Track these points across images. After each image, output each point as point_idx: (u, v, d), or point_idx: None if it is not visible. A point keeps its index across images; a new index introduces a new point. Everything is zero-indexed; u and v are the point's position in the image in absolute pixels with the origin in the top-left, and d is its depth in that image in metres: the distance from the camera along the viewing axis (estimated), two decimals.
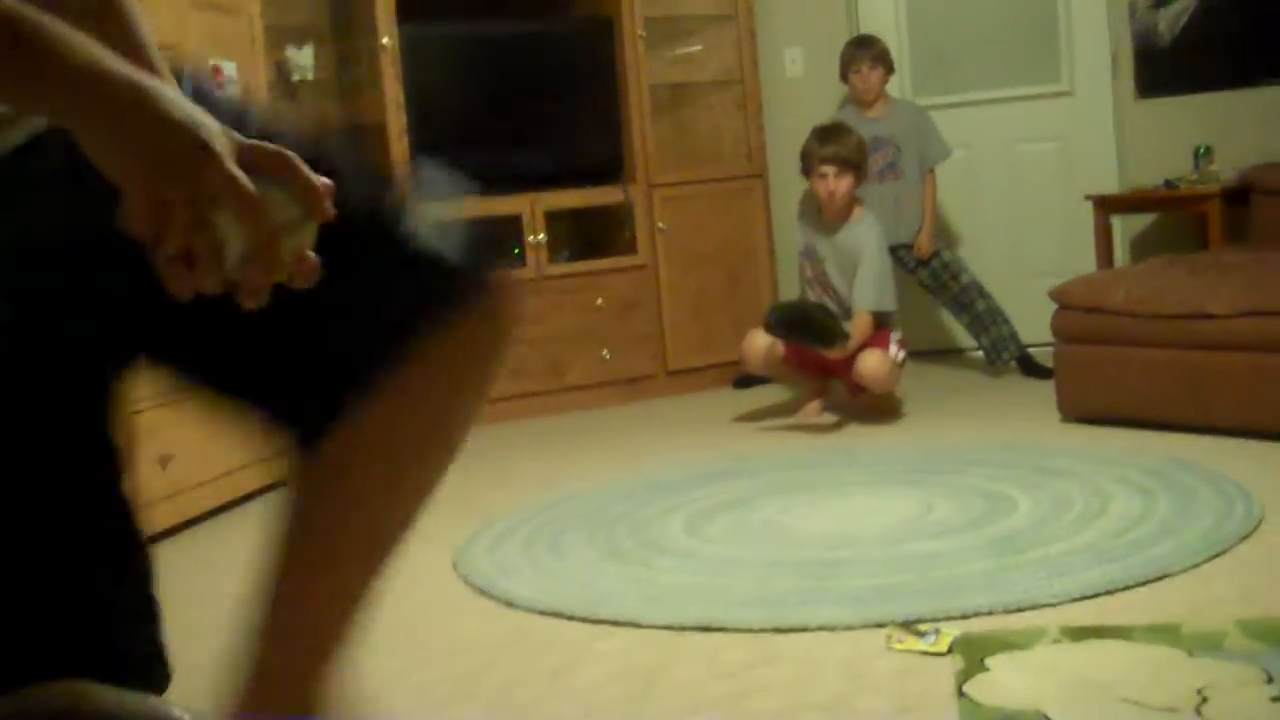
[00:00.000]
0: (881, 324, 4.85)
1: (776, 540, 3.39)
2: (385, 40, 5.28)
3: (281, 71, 5.38)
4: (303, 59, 5.45)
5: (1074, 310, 4.48)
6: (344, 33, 5.59)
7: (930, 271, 5.59)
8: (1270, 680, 2.19)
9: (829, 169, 4.85)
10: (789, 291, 5.93)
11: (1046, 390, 4.76)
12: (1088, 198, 5.74)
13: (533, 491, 4.11)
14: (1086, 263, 5.64)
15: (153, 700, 1.19)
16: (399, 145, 5.32)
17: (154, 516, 3.86)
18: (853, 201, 4.92)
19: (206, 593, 3.40)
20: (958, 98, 6.18)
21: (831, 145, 4.88)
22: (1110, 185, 5.95)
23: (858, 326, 4.78)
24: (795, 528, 3.49)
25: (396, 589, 3.32)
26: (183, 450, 3.99)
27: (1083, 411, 4.46)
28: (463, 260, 1.21)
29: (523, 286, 1.34)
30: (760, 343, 4.91)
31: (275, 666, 1.20)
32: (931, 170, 5.66)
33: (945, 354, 6.15)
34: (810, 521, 3.54)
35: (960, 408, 5.02)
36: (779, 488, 3.92)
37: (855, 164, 4.89)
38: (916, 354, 5.91)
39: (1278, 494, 3.37)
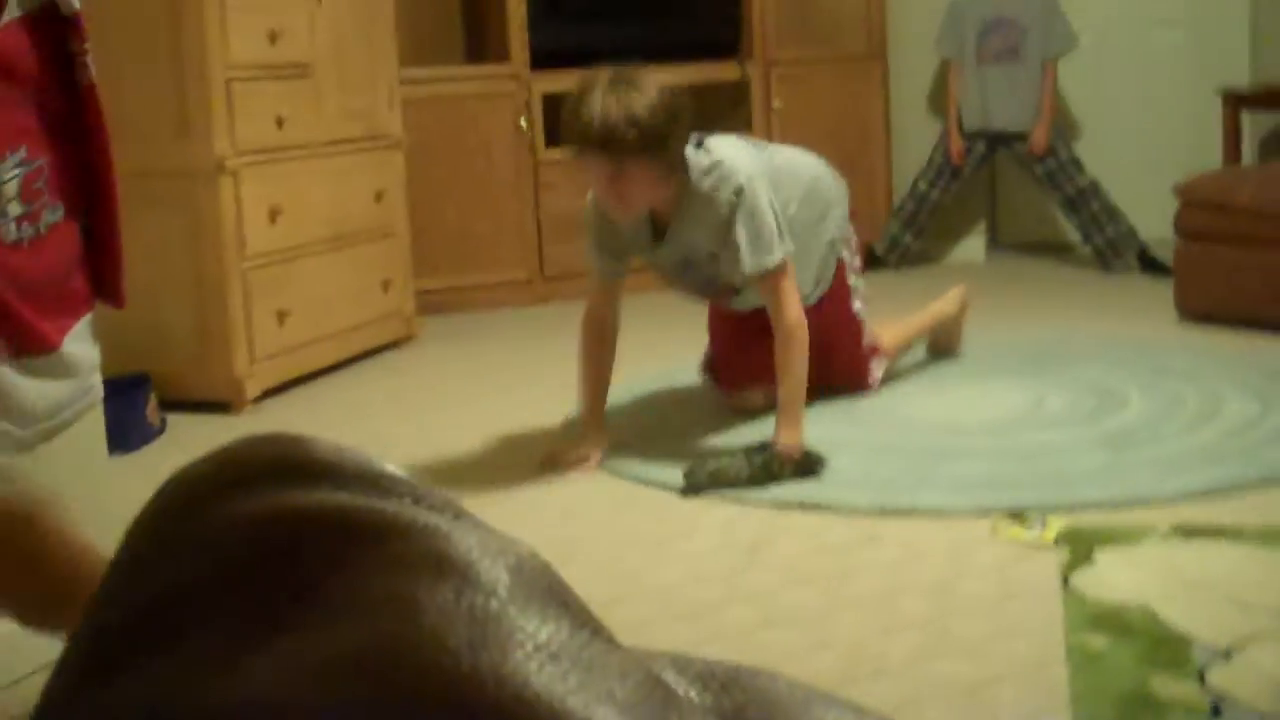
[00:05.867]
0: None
1: (886, 424, 3.38)
2: None
3: None
4: None
5: (1198, 207, 4.38)
6: None
7: (1046, 170, 5.46)
8: None
9: None
10: (904, 175, 5.86)
11: (1163, 288, 4.67)
12: (1218, 93, 5.56)
13: (648, 363, 4.01)
14: (1212, 158, 5.49)
15: (369, 456, 1.17)
16: (517, 13, 5.28)
17: (269, 370, 3.95)
18: None
19: None
20: None
21: None
22: (1241, 78, 5.76)
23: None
24: (905, 413, 3.48)
25: (499, 453, 3.36)
26: (300, 307, 4.06)
27: (1201, 311, 4.38)
28: None
29: None
30: None
31: None
32: (1054, 60, 5.51)
33: (1054, 248, 6.04)
34: (920, 408, 3.52)
35: (1073, 303, 4.95)
36: (891, 374, 3.90)
37: None
38: (1024, 247, 5.81)
39: None
